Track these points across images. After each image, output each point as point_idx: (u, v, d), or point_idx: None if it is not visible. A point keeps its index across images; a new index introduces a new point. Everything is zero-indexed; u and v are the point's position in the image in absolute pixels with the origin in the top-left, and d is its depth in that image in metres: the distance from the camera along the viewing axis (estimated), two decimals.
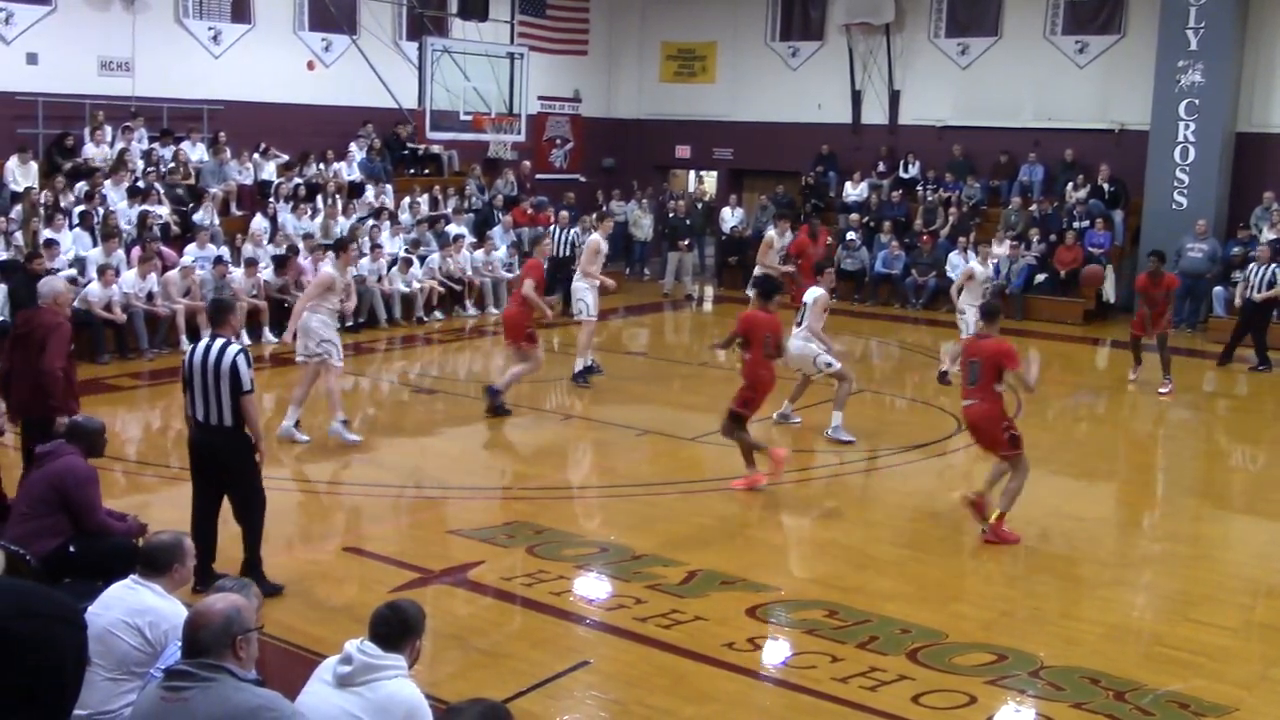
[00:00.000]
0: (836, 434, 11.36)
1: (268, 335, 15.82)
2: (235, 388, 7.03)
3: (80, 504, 6.47)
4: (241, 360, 7.06)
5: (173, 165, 17.60)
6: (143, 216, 16.04)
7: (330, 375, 10.89)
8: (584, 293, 13.67)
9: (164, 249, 15.66)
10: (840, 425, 11.37)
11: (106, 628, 4.73)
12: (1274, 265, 16.03)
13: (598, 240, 13.99)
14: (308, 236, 17.35)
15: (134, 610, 4.78)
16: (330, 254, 11.75)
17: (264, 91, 19.45)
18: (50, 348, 7.74)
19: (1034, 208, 21.00)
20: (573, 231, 19.30)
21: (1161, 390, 13.92)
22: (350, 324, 16.65)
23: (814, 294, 11.69)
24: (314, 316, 10.80)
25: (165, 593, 4.89)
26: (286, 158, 19.07)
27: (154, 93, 18.29)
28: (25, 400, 7.96)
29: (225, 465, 7.25)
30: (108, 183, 16.50)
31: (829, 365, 11.49)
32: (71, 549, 6.41)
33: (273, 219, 17.55)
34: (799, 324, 11.57)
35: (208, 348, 7.15)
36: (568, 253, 18.76)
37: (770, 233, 16.00)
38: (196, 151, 18.26)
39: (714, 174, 26.21)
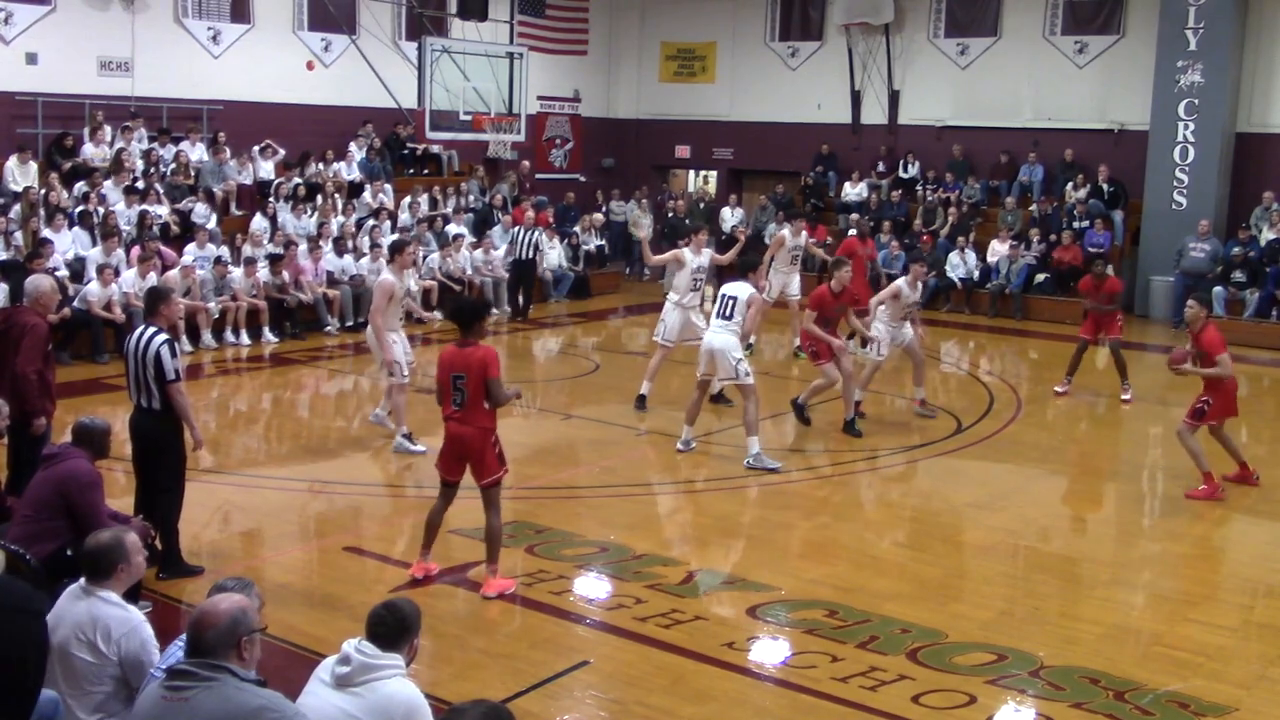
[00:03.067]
0: (759, 461, 10.28)
1: (267, 334, 15.82)
2: (160, 376, 7.29)
3: (83, 509, 6.45)
4: (165, 350, 7.29)
5: (173, 165, 17.62)
6: (142, 216, 16.05)
7: (398, 392, 10.67)
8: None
9: (163, 249, 15.66)
10: (760, 451, 10.34)
11: (61, 645, 4.58)
12: None
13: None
14: (311, 238, 17.38)
15: (83, 623, 4.62)
16: (386, 259, 11.12)
17: (264, 91, 19.46)
18: (23, 350, 7.70)
19: (1034, 208, 21.02)
20: (536, 233, 19.07)
21: (1124, 397, 13.59)
22: (350, 323, 16.69)
23: (744, 290, 10.50)
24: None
25: (114, 598, 4.72)
26: (283, 152, 19.07)
27: (153, 93, 18.31)
28: (5, 399, 7.94)
29: (153, 447, 7.48)
30: (108, 183, 16.50)
31: (745, 375, 10.37)
32: (69, 552, 6.40)
33: (272, 219, 17.56)
34: (726, 316, 10.46)
35: (139, 336, 7.42)
36: (530, 255, 18.70)
37: (783, 231, 15.80)
38: (196, 151, 18.26)
39: (714, 174, 26.22)
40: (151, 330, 7.40)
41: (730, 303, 10.49)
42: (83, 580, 4.77)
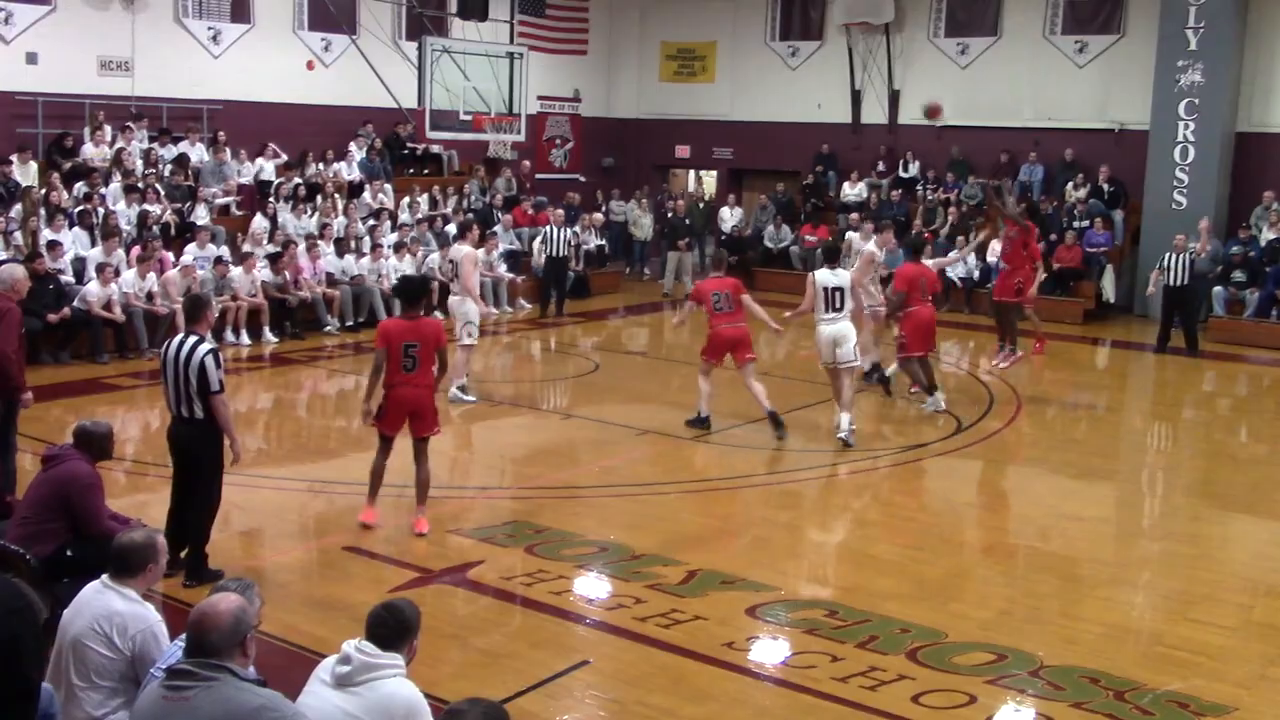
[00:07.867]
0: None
1: (267, 334, 15.81)
2: (203, 387, 7.19)
3: (83, 510, 6.46)
4: (210, 361, 7.18)
5: (172, 165, 17.61)
6: (142, 216, 16.04)
7: (462, 351, 12.40)
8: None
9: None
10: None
11: (77, 637, 4.61)
12: (1189, 254, 16.75)
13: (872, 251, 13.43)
14: (309, 236, 17.38)
15: (100, 616, 4.65)
16: (462, 239, 12.91)
17: (264, 91, 19.45)
18: (1, 331, 7.87)
19: None
20: (570, 230, 19.53)
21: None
22: (350, 323, 16.71)
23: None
24: (467, 299, 12.38)
25: (135, 595, 4.74)
26: (285, 157, 19.09)
27: (153, 92, 18.29)
28: None
29: (192, 456, 7.44)
30: (114, 185, 16.48)
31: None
32: (69, 552, 6.41)
33: (272, 218, 17.56)
34: (837, 309, 11.24)
35: (180, 344, 7.31)
36: (565, 251, 18.96)
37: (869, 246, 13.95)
38: (196, 151, 18.26)
39: (714, 174, 26.23)
40: (194, 339, 7.28)
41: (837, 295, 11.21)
42: (105, 576, 4.79)
